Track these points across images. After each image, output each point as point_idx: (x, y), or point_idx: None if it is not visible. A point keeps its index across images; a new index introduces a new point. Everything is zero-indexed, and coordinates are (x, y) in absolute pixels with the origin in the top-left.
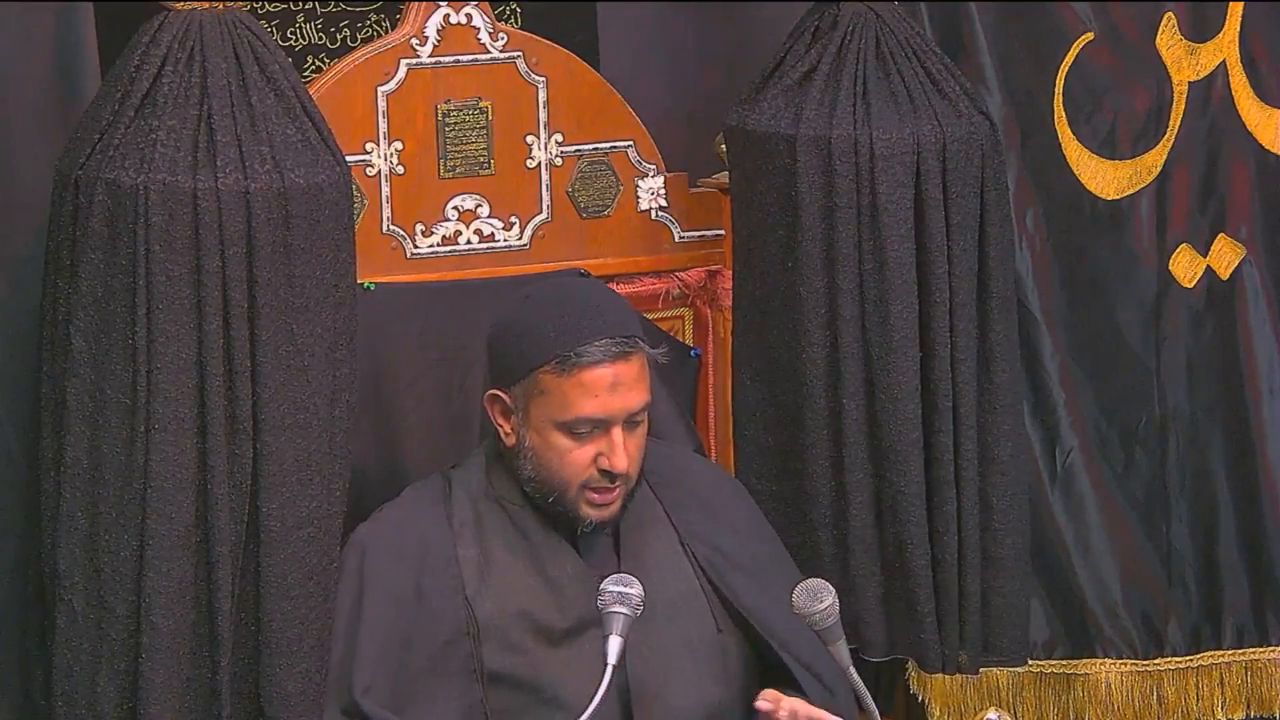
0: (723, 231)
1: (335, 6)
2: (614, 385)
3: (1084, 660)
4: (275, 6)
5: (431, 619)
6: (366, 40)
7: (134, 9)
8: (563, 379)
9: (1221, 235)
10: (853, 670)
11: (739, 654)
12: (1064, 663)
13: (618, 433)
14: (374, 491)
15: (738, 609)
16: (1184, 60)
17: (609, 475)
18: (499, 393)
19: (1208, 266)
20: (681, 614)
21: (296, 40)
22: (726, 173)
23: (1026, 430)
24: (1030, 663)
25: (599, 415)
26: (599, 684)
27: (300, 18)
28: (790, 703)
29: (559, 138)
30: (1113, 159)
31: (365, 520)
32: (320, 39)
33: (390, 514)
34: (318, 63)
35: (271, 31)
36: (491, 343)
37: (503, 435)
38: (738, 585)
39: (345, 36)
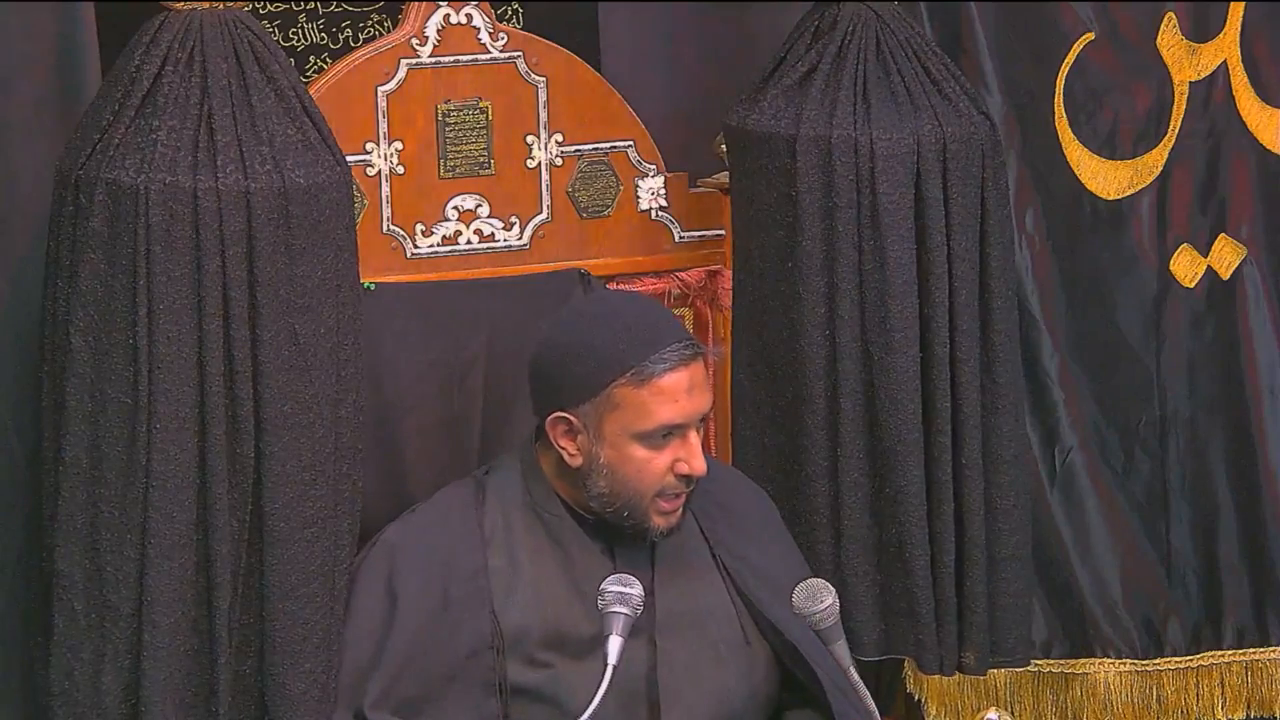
0: (723, 231)
1: (337, 6)
2: (690, 389)
3: (1083, 660)
4: (277, 6)
5: (455, 630)
6: (369, 40)
7: (134, 9)
8: (641, 390)
9: (1222, 235)
10: (853, 670)
11: (765, 665)
12: (1063, 662)
13: (694, 436)
14: (372, 491)
15: (767, 620)
16: (1185, 60)
17: (686, 480)
18: (565, 415)
19: (1208, 266)
20: (711, 625)
21: (298, 40)
22: (726, 173)
23: (1027, 430)
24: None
25: (679, 420)
26: (599, 684)
27: (302, 17)
28: None
29: (559, 138)
30: (1113, 159)
31: (393, 520)
32: (322, 39)
33: (421, 518)
34: (320, 63)
35: (273, 32)
36: (544, 368)
37: (567, 457)
38: (764, 597)
39: (347, 36)
